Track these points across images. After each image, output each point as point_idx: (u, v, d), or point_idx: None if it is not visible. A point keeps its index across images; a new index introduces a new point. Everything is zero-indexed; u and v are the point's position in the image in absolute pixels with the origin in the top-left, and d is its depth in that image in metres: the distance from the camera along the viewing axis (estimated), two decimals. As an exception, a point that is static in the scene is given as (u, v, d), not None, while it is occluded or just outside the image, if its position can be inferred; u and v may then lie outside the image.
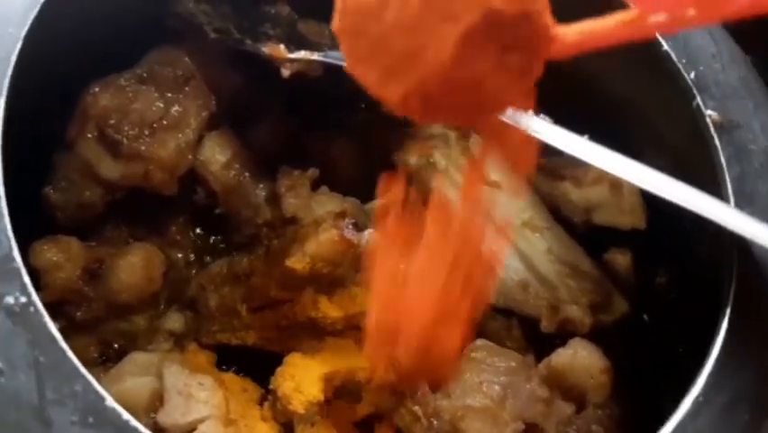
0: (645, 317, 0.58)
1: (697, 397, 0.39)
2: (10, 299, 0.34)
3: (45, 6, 0.43)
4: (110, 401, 0.33)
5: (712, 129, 0.45)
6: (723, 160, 0.44)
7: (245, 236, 0.57)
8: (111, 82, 0.52)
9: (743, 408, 0.39)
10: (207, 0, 0.53)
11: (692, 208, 0.41)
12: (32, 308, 0.34)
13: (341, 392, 0.51)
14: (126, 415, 0.33)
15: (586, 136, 0.45)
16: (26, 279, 0.35)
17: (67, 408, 0.33)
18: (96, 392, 0.33)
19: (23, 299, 0.34)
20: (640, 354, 0.56)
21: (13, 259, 0.35)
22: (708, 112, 0.46)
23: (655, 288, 0.57)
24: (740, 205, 0.44)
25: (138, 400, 0.50)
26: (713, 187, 0.44)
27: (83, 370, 0.33)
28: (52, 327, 0.34)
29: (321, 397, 0.48)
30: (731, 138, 0.45)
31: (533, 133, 0.46)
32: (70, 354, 0.33)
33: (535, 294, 0.55)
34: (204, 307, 0.55)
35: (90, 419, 0.33)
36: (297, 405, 0.48)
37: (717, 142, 0.45)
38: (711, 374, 0.39)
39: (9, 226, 0.36)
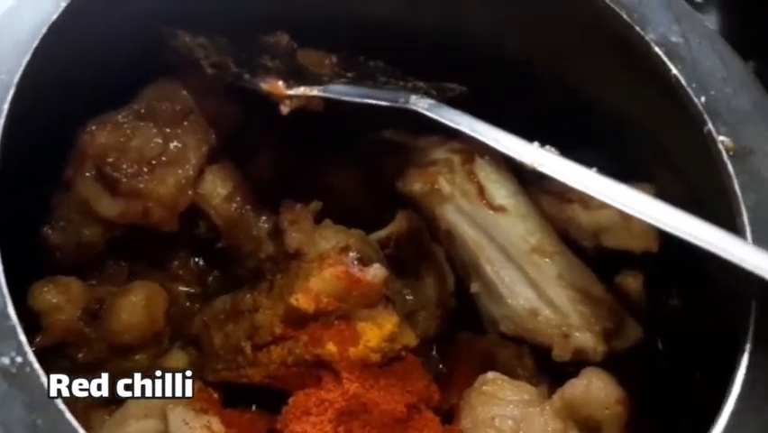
0: (659, 342, 0.57)
1: (719, 437, 0.38)
2: (6, 360, 0.34)
3: (38, 50, 0.43)
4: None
5: (725, 156, 0.44)
6: (737, 187, 0.43)
7: (248, 270, 0.56)
8: (108, 119, 0.52)
9: None
10: (205, 33, 0.52)
11: (708, 247, 0.40)
12: (28, 369, 0.33)
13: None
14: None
15: (594, 169, 0.44)
16: (22, 337, 0.34)
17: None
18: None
19: (20, 359, 0.34)
20: (655, 381, 0.55)
21: (9, 316, 0.35)
22: (721, 138, 0.45)
23: (669, 312, 0.56)
24: (757, 234, 0.43)
25: None
26: (728, 216, 0.43)
27: (81, 431, 0.32)
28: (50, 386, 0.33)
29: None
30: (745, 165, 0.44)
31: (539, 168, 0.45)
32: (68, 415, 0.32)
33: (546, 322, 0.54)
34: (208, 344, 0.54)
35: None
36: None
37: (730, 169, 0.44)
38: (733, 414, 0.38)
39: (4, 282, 0.35)
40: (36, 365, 0.33)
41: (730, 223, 0.43)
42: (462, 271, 0.58)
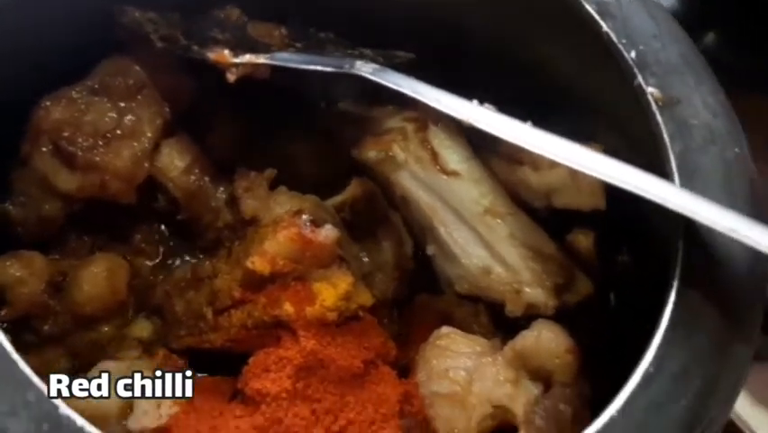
0: (612, 296, 0.58)
1: (647, 368, 0.39)
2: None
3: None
4: (64, 409, 0.33)
5: (654, 106, 0.46)
6: (666, 136, 0.45)
7: (209, 240, 0.57)
8: (62, 95, 0.53)
9: (694, 375, 0.39)
10: (154, 8, 0.53)
11: (635, 190, 0.41)
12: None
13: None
14: (80, 421, 0.33)
15: (529, 123, 0.45)
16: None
17: (20, 418, 0.33)
18: (49, 401, 0.33)
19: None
20: (606, 333, 0.57)
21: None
22: (650, 89, 0.46)
23: (618, 267, 0.57)
24: (684, 181, 0.44)
25: (108, 408, 0.50)
26: (657, 164, 0.45)
27: (34, 379, 0.34)
28: (2, 339, 0.34)
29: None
30: (673, 114, 0.45)
31: (476, 124, 0.46)
32: (21, 364, 0.34)
33: (499, 279, 0.55)
34: (170, 312, 0.55)
35: (45, 427, 0.33)
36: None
37: (659, 118, 0.45)
38: (660, 346, 0.40)
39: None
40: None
41: (660, 169, 0.44)
42: (419, 234, 0.59)
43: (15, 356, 0.34)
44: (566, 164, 0.44)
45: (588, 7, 0.48)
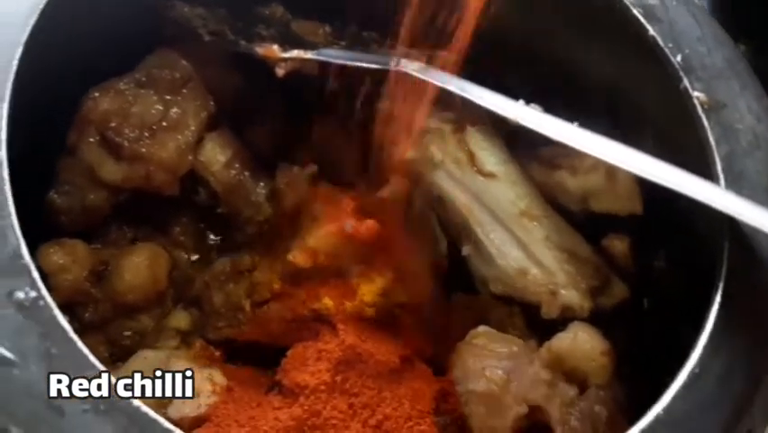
0: (645, 301, 0.58)
1: (693, 369, 0.39)
2: (20, 294, 0.35)
3: (45, 12, 0.44)
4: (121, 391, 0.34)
5: (699, 110, 0.46)
6: (712, 139, 0.45)
7: (248, 235, 0.57)
8: (110, 87, 0.53)
9: (738, 376, 0.39)
10: (202, 4, 0.54)
11: (682, 190, 0.41)
12: (41, 302, 0.35)
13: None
14: (136, 401, 0.34)
15: (576, 123, 0.45)
16: (35, 274, 0.36)
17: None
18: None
19: (33, 294, 0.35)
20: (641, 337, 0.57)
21: (22, 256, 0.36)
22: (696, 93, 0.46)
23: (654, 272, 0.57)
24: (729, 184, 0.44)
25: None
26: (703, 167, 0.45)
27: (93, 359, 0.34)
28: (62, 320, 0.35)
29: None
30: (718, 118, 0.46)
31: (522, 123, 0.47)
32: (80, 344, 0.34)
33: (534, 280, 0.55)
34: (208, 304, 0.56)
35: (102, 407, 0.33)
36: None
37: (705, 122, 0.45)
38: (706, 346, 0.40)
39: (17, 224, 0.37)
40: (49, 299, 0.35)
41: (705, 172, 0.44)
42: (455, 235, 0.59)
43: (74, 336, 0.34)
44: (612, 163, 0.44)
45: (634, 11, 0.49)
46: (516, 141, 0.58)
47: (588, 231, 0.57)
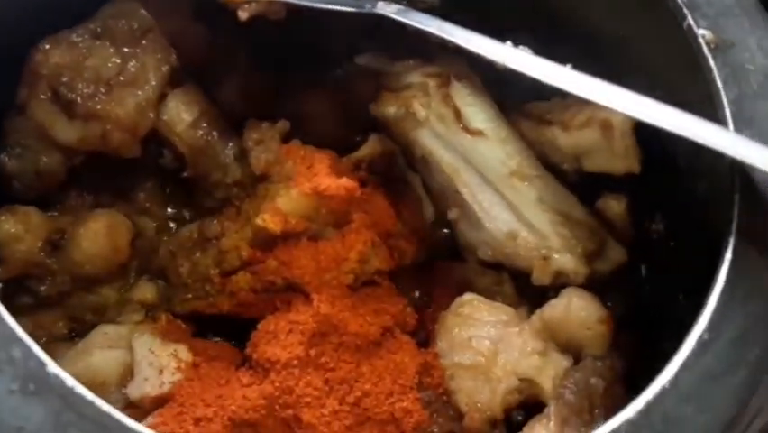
0: (643, 267, 0.56)
1: (701, 334, 0.36)
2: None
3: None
4: (52, 367, 0.30)
5: (706, 50, 0.43)
6: (719, 82, 0.42)
7: (217, 200, 0.55)
8: (62, 38, 0.50)
9: (753, 341, 0.37)
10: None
11: (689, 135, 0.39)
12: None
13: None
14: (71, 381, 0.30)
15: (569, 66, 0.42)
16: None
17: (5, 375, 0.30)
18: (37, 358, 0.30)
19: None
20: (639, 304, 0.55)
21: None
22: (701, 32, 0.44)
23: (652, 235, 0.55)
24: (739, 130, 0.41)
25: (108, 374, 0.49)
26: (710, 111, 0.42)
27: (21, 333, 0.31)
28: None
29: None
30: (726, 58, 0.43)
31: (511, 66, 0.43)
32: (7, 316, 0.31)
33: (525, 244, 0.53)
34: (175, 274, 0.53)
35: (31, 387, 0.30)
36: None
37: (711, 63, 0.43)
38: (716, 310, 0.37)
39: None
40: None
41: (712, 117, 0.41)
42: (440, 198, 0.57)
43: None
44: (607, 113, 0.40)
45: (635, -56, 0.45)
46: (505, 95, 0.55)
47: (582, 192, 0.55)
